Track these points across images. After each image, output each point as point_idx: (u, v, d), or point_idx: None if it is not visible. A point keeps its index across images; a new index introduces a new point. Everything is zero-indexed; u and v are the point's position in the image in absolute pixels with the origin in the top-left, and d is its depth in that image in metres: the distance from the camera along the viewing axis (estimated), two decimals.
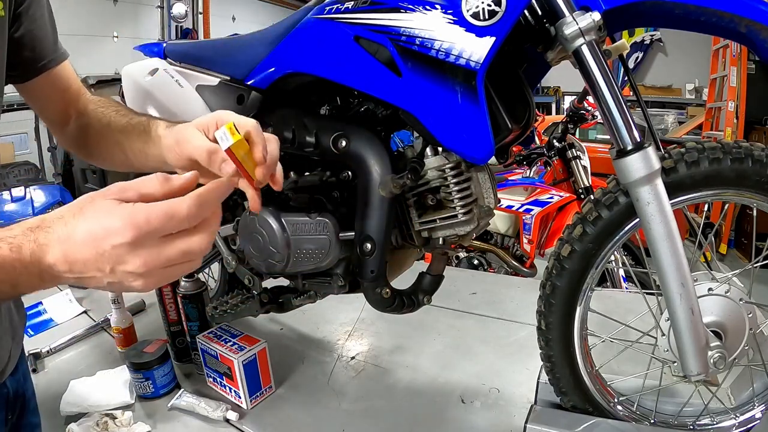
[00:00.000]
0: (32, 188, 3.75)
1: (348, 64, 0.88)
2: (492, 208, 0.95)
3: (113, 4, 5.70)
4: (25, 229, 0.48)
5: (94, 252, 0.46)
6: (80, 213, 0.47)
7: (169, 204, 0.47)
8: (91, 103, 0.88)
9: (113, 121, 0.82)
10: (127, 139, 0.79)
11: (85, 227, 0.46)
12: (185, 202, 0.48)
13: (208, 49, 1.18)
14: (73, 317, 1.72)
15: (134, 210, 0.46)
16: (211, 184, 0.51)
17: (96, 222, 0.46)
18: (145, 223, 0.46)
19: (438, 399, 1.23)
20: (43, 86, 0.83)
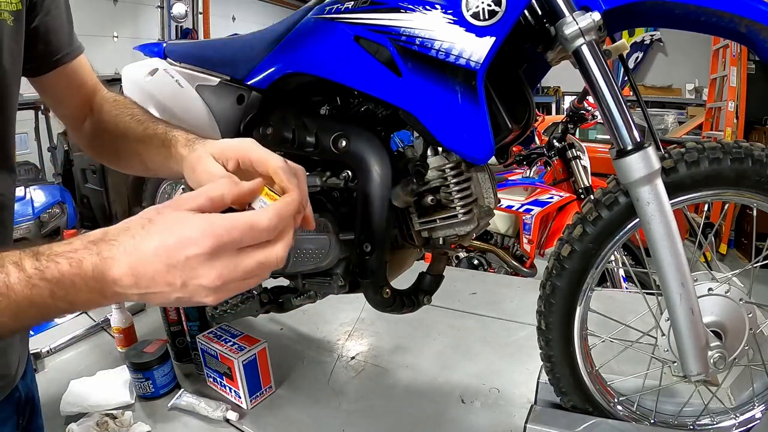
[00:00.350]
0: (32, 188, 3.75)
1: (348, 64, 0.88)
2: (492, 208, 0.95)
3: (113, 4, 5.70)
4: (86, 242, 0.45)
5: (166, 264, 0.44)
6: (150, 224, 0.46)
7: (251, 215, 0.46)
8: (106, 104, 0.85)
9: (130, 129, 0.78)
10: (146, 150, 0.75)
11: (156, 238, 0.44)
12: (266, 213, 0.47)
13: (208, 49, 1.18)
14: (73, 317, 1.71)
15: (214, 219, 0.45)
16: (288, 197, 0.51)
17: (169, 232, 0.44)
18: (226, 232, 0.44)
19: (438, 399, 1.23)
20: (57, 81, 0.80)
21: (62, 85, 0.81)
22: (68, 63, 0.79)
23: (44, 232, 3.53)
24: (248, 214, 0.46)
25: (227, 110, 1.06)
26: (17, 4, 0.66)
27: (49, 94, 0.83)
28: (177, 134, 0.72)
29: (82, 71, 0.83)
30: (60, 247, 0.45)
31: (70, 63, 0.80)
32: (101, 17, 5.37)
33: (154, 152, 0.74)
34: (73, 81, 0.82)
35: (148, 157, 0.76)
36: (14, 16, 0.65)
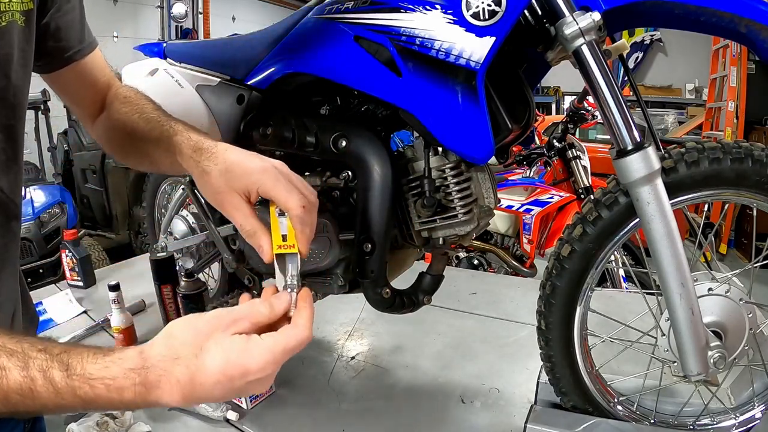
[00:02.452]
0: (32, 188, 3.74)
1: (348, 64, 0.88)
2: (492, 208, 0.95)
3: (113, 4, 5.71)
4: (124, 369, 0.45)
5: (227, 389, 0.47)
6: (203, 352, 0.47)
7: (297, 334, 0.52)
8: (116, 101, 0.83)
9: (138, 128, 0.77)
10: (154, 151, 0.75)
11: (216, 368, 0.46)
12: (308, 328, 0.53)
13: (208, 49, 1.18)
14: (73, 317, 1.72)
15: (273, 347, 0.49)
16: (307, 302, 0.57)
17: (230, 363, 0.47)
18: (283, 357, 0.50)
19: (438, 399, 1.23)
20: (70, 78, 0.78)
21: (75, 82, 0.79)
22: (80, 60, 0.77)
23: (44, 232, 3.52)
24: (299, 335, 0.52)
25: (227, 110, 1.06)
26: (29, 3, 0.64)
27: (62, 91, 0.81)
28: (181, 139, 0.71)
29: (95, 68, 0.81)
30: (94, 369, 0.45)
31: (83, 60, 0.78)
32: (101, 17, 5.38)
33: (162, 154, 0.73)
34: (86, 78, 0.80)
35: (157, 158, 0.75)
36: (26, 16, 0.64)
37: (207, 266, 1.51)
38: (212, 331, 0.48)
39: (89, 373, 0.44)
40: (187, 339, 0.48)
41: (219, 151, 0.67)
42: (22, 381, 0.43)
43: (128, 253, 4.07)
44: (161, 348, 0.47)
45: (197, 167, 0.67)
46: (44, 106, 3.95)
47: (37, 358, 0.44)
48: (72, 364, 0.45)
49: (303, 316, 0.55)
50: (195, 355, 0.46)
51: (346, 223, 0.96)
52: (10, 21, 0.61)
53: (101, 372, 0.45)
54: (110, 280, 1.46)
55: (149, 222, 1.83)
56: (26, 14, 0.64)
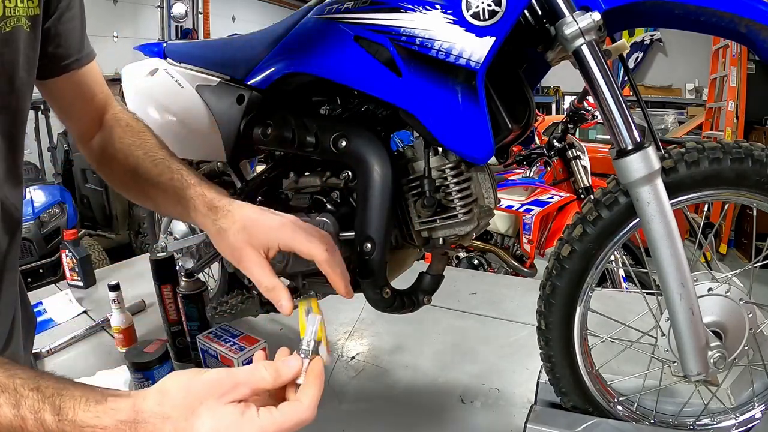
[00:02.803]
0: (32, 188, 3.74)
1: (348, 64, 0.88)
2: (492, 208, 0.95)
3: (113, 4, 5.71)
4: (116, 420, 0.45)
5: None
6: (194, 416, 0.45)
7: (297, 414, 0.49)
8: (117, 128, 0.79)
9: (142, 168, 0.74)
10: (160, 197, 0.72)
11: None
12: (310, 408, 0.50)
13: (208, 49, 1.18)
14: (73, 317, 1.72)
15: (265, 426, 0.46)
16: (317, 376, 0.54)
17: None
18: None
19: (438, 399, 1.23)
20: (65, 88, 0.76)
21: (70, 92, 0.77)
22: (77, 69, 0.75)
23: (44, 232, 3.52)
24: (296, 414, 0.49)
25: (227, 110, 1.06)
26: (35, 9, 0.63)
27: (55, 101, 0.78)
28: (194, 194, 0.70)
29: (92, 81, 0.79)
30: (86, 417, 0.44)
31: (80, 70, 0.76)
32: (101, 17, 5.38)
33: (170, 204, 0.72)
34: (83, 90, 0.78)
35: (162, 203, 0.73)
36: (32, 21, 0.62)
37: (207, 266, 1.51)
38: (207, 397, 0.47)
39: (81, 420, 0.44)
40: (179, 400, 0.46)
41: (234, 210, 0.67)
42: (13, 419, 0.43)
43: (128, 253, 4.07)
44: (153, 404, 0.46)
45: (213, 225, 0.67)
46: (44, 106, 3.95)
47: (29, 397, 0.44)
48: (64, 409, 0.44)
49: (308, 394, 0.51)
50: (185, 418, 0.45)
51: (346, 223, 0.96)
52: (16, 26, 0.60)
53: (93, 421, 0.44)
54: (110, 280, 1.46)
55: (149, 222, 1.83)
56: (32, 19, 0.63)
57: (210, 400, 0.46)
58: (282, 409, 0.49)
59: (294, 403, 0.50)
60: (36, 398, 0.44)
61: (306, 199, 1.00)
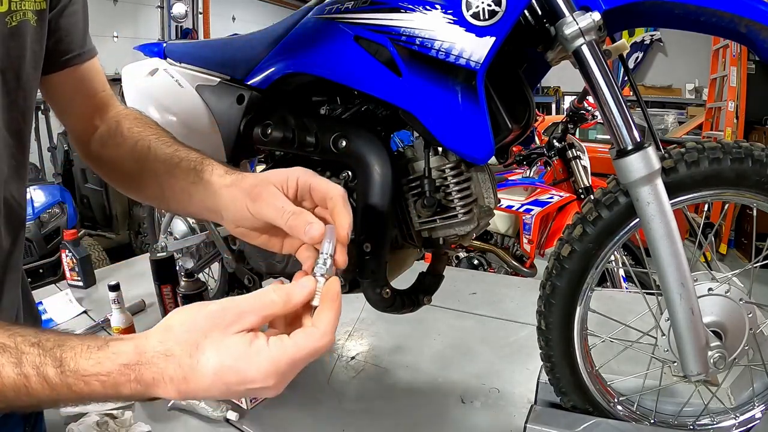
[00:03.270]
0: (32, 188, 3.73)
1: (348, 64, 0.88)
2: (492, 208, 0.95)
3: (113, 4, 5.70)
4: (118, 364, 0.43)
5: (225, 392, 0.43)
6: (198, 351, 0.43)
7: (312, 342, 0.45)
8: (125, 119, 0.76)
9: (153, 148, 0.70)
10: (169, 173, 0.67)
11: (210, 370, 0.42)
12: (327, 335, 0.45)
13: (208, 49, 1.18)
14: (73, 317, 1.72)
15: (277, 357, 0.43)
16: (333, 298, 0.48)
17: (226, 367, 0.42)
18: (290, 369, 0.44)
19: (438, 399, 1.23)
20: (64, 84, 0.73)
21: (70, 89, 0.74)
22: (78, 65, 0.73)
23: (44, 232, 3.52)
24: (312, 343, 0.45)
25: (227, 110, 1.06)
26: (41, 3, 0.61)
27: (55, 98, 0.76)
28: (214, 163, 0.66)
29: (93, 78, 0.76)
30: (88, 365, 0.43)
31: (80, 66, 0.74)
32: (101, 17, 5.38)
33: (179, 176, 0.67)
34: (83, 87, 0.75)
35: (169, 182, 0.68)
36: (38, 15, 0.61)
37: (207, 266, 1.51)
38: (211, 329, 0.44)
39: (83, 369, 0.43)
40: (182, 335, 0.44)
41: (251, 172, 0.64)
42: (16, 378, 0.42)
43: (128, 253, 4.08)
44: (156, 342, 0.44)
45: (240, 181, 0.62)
46: (44, 105, 3.95)
47: (29, 353, 0.43)
48: (65, 359, 0.43)
49: (323, 319, 0.46)
50: (189, 354, 0.43)
51: None
52: (22, 20, 0.59)
53: (95, 368, 0.43)
54: (110, 280, 1.46)
55: (149, 222, 1.83)
56: (39, 14, 0.62)
57: (214, 332, 0.43)
58: (294, 337, 0.45)
59: (308, 329, 0.46)
60: (37, 353, 0.43)
61: None
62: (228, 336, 0.43)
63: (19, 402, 0.43)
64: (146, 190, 0.72)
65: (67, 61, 0.72)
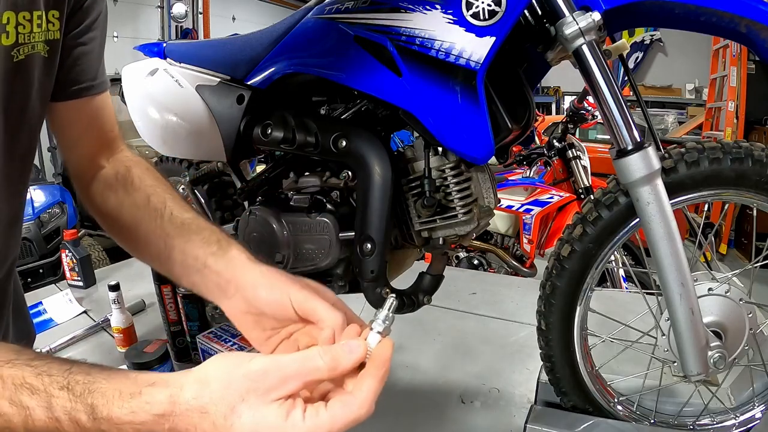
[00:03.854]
0: (32, 188, 3.74)
1: (348, 64, 0.88)
2: (492, 208, 0.95)
3: (113, 4, 5.70)
4: (153, 415, 0.42)
5: None
6: (234, 414, 0.42)
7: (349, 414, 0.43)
8: (136, 167, 0.72)
9: (170, 208, 0.66)
10: (184, 238, 0.63)
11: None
12: (365, 405, 0.44)
13: (208, 49, 1.18)
14: (73, 317, 1.72)
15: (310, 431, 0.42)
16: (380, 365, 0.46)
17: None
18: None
19: (438, 399, 1.23)
20: (72, 116, 0.69)
21: (77, 121, 0.70)
22: (89, 97, 0.69)
23: (44, 232, 3.52)
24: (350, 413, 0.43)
25: (227, 110, 1.06)
26: (56, 33, 0.58)
27: (60, 129, 0.71)
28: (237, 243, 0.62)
29: (103, 114, 0.72)
30: (121, 413, 0.42)
31: (92, 98, 0.70)
32: None
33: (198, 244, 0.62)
34: (91, 121, 0.71)
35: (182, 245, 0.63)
36: (50, 45, 0.58)
37: None
38: (249, 392, 0.42)
39: (117, 417, 0.42)
40: (218, 393, 0.43)
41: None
42: (48, 421, 0.42)
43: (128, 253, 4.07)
44: (190, 397, 0.43)
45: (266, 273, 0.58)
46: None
47: (60, 397, 0.42)
48: (96, 406, 0.42)
49: (365, 387, 0.44)
50: (224, 416, 0.42)
51: (346, 223, 0.96)
52: (30, 54, 0.56)
53: (129, 417, 0.42)
54: (110, 280, 1.46)
55: None
56: (51, 44, 0.58)
57: (252, 397, 0.42)
58: (331, 408, 0.43)
59: (346, 398, 0.44)
60: (67, 398, 0.42)
61: (306, 199, 1.00)
62: (266, 404, 0.42)
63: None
64: (148, 248, 0.67)
65: (79, 92, 0.68)
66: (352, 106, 1.01)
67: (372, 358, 0.46)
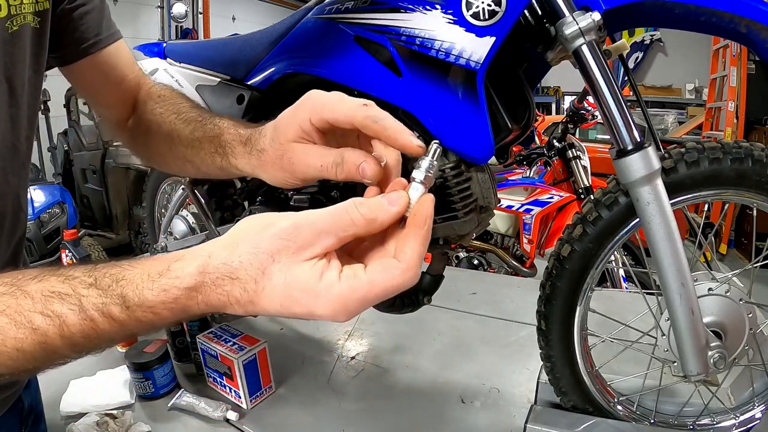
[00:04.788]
0: (32, 188, 3.74)
1: (348, 64, 0.88)
2: (492, 208, 0.95)
3: (113, 4, 5.70)
4: (184, 289, 0.40)
5: (292, 315, 0.40)
6: (264, 277, 0.39)
7: (390, 279, 0.39)
8: (150, 101, 0.74)
9: (176, 131, 0.68)
10: (197, 155, 0.66)
11: (277, 299, 0.39)
12: (409, 270, 0.40)
13: (208, 49, 1.18)
14: None
15: (346, 295, 0.38)
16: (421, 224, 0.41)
17: (293, 299, 0.39)
18: (361, 306, 0.39)
19: (438, 399, 1.23)
20: (89, 73, 0.71)
21: (96, 77, 0.72)
22: (99, 51, 0.70)
23: (44, 232, 3.53)
24: (389, 279, 0.39)
25: (227, 110, 1.06)
26: (44, 3, 0.60)
27: (84, 88, 0.74)
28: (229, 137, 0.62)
29: (118, 62, 0.73)
30: (152, 295, 0.40)
31: (102, 51, 0.71)
32: None
33: (207, 158, 0.65)
34: (109, 73, 0.73)
35: (200, 161, 0.66)
36: (40, 16, 0.60)
37: None
38: (280, 252, 0.39)
39: (149, 300, 0.40)
40: (247, 257, 0.39)
41: (266, 127, 0.58)
42: (82, 324, 0.40)
43: (128, 253, 4.08)
44: (220, 263, 0.40)
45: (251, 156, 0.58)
46: (44, 105, 3.95)
47: (89, 296, 0.41)
48: (127, 296, 0.40)
49: (408, 249, 0.40)
50: (255, 279, 0.39)
51: None
52: (23, 24, 0.58)
53: (161, 297, 0.40)
54: None
55: (149, 222, 1.83)
56: (41, 14, 0.60)
57: (284, 256, 0.39)
58: (371, 271, 0.39)
59: (387, 261, 0.40)
60: (96, 294, 0.41)
61: (305, 198, 1.00)
62: (298, 264, 0.39)
63: (91, 344, 0.42)
64: (181, 169, 0.71)
65: (87, 49, 0.70)
66: None
67: (412, 215, 0.41)
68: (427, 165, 0.43)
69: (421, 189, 0.43)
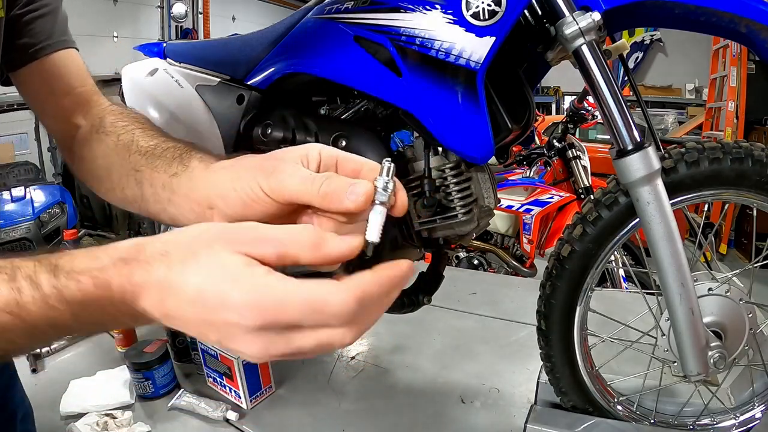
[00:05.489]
0: (32, 188, 3.75)
1: (348, 64, 0.88)
2: (492, 208, 0.95)
3: (113, 4, 5.70)
4: (116, 259, 0.37)
5: (201, 318, 0.36)
6: (193, 258, 0.36)
7: (316, 295, 0.35)
8: (110, 115, 0.67)
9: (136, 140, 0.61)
10: (151, 166, 0.56)
11: (195, 283, 0.35)
12: (341, 295, 0.35)
13: (208, 49, 1.18)
14: None
15: (265, 291, 0.34)
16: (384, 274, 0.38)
17: (211, 282, 0.35)
18: (277, 312, 0.34)
19: (438, 399, 1.23)
20: (34, 79, 0.66)
21: (40, 85, 0.67)
22: (46, 57, 0.66)
23: (44, 232, 3.53)
24: (314, 294, 0.35)
25: (227, 110, 1.06)
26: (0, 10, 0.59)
27: (28, 95, 0.69)
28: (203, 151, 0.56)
29: (66, 71, 0.68)
30: (83, 262, 0.37)
31: (49, 57, 0.66)
32: (101, 17, 5.38)
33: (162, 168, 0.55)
34: (55, 80, 0.67)
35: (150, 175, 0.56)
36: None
37: None
38: (216, 240, 0.37)
39: (77, 267, 0.37)
40: (185, 240, 0.37)
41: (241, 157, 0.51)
42: (8, 294, 0.36)
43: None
44: (159, 243, 0.38)
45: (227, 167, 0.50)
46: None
47: (26, 266, 0.37)
48: (61, 264, 0.37)
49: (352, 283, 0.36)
50: (182, 259, 0.36)
51: None
52: None
53: (89, 262, 0.37)
54: None
55: (149, 222, 1.83)
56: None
57: (218, 245, 0.36)
58: (303, 283, 0.35)
59: (326, 281, 0.36)
60: (32, 265, 0.38)
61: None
62: (230, 253, 0.36)
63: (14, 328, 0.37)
64: (125, 190, 0.60)
65: (35, 53, 0.65)
66: (351, 106, 1.01)
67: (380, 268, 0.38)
68: (382, 185, 0.41)
69: (382, 210, 0.41)
